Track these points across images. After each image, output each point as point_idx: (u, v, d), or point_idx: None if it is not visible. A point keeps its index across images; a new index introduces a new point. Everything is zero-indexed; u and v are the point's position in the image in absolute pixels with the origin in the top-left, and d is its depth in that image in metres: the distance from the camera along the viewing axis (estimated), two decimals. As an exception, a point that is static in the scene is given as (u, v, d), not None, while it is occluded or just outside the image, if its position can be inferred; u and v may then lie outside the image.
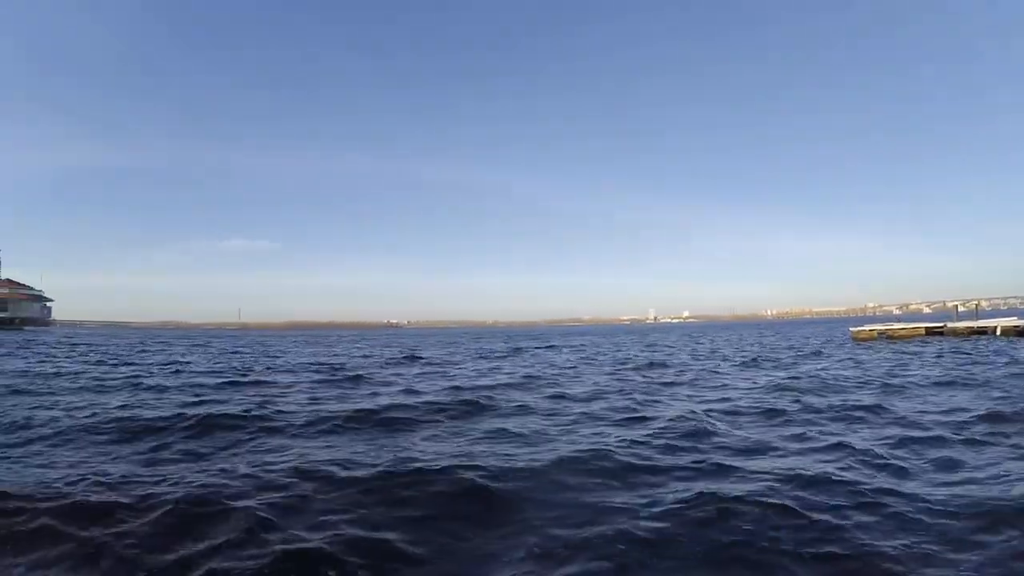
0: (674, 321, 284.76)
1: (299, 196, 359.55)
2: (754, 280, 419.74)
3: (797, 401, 9.64)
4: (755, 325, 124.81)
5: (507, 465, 5.47)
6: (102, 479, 5.05)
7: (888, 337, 34.32)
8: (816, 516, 4.07)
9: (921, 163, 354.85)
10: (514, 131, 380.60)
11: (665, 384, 12.93)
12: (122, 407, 9.24)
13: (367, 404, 9.54)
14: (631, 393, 11.11)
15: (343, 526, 3.99)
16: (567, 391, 11.40)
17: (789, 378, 13.29)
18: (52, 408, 9.16)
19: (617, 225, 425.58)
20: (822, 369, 15.73)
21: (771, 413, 8.50)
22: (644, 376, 14.80)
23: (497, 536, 3.91)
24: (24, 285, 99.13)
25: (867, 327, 36.13)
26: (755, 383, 12.67)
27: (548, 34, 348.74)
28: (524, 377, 14.70)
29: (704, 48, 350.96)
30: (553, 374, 15.50)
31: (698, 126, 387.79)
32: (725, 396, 10.60)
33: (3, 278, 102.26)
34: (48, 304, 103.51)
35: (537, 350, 30.44)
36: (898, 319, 48.64)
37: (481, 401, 9.74)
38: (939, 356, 19.24)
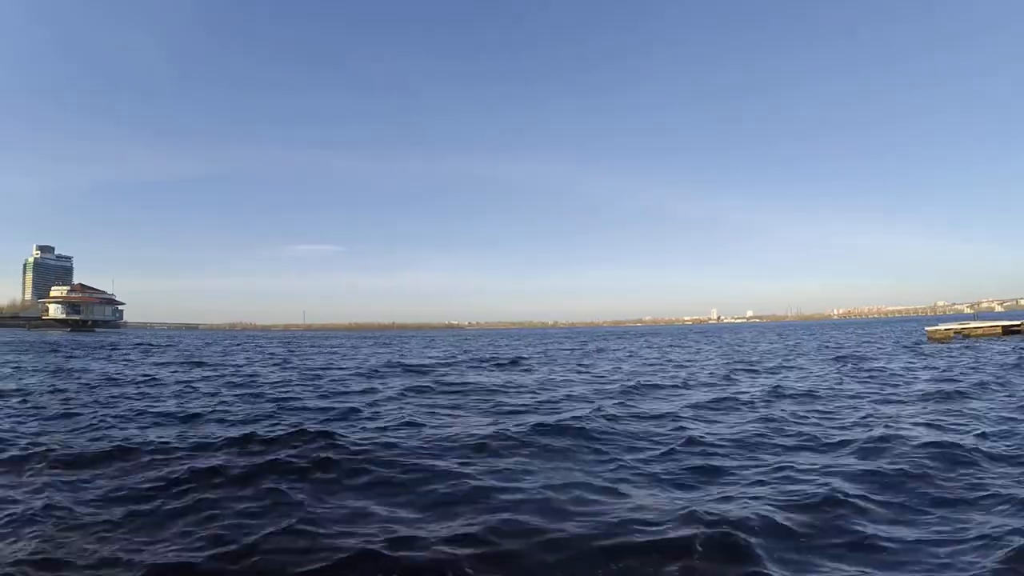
0: (738, 321, 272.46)
1: (363, 199, 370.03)
2: (818, 278, 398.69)
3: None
4: (832, 325, 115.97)
5: None
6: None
7: (965, 336, 33.12)
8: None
9: (988, 158, 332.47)
10: (568, 129, 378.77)
11: None
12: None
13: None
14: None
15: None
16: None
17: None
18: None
19: (674, 223, 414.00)
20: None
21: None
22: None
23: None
24: (96, 289, 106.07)
25: (942, 326, 34.65)
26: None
27: (614, 30, 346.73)
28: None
29: (754, 40, 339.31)
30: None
31: (754, 118, 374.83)
32: None
33: (76, 283, 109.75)
34: (120, 307, 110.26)
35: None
36: (974, 317, 46.30)
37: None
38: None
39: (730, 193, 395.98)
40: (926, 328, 36.68)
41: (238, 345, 42.70)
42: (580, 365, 20.68)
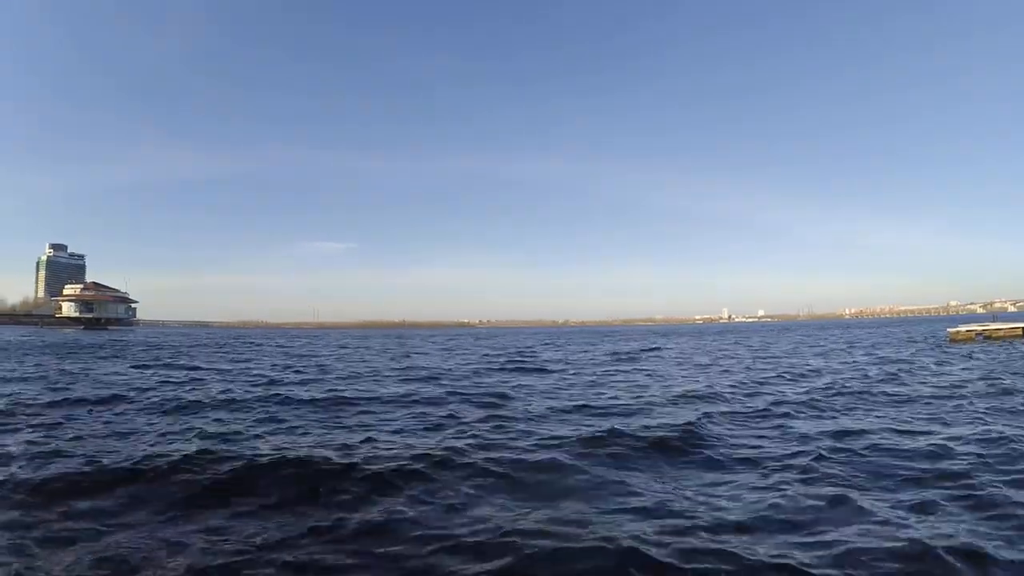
0: (749, 321, 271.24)
1: (377, 198, 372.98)
2: (829, 278, 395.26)
3: None
4: (853, 325, 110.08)
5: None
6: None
7: (986, 337, 32.82)
8: None
9: (999, 156, 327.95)
10: (577, 130, 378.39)
11: None
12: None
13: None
14: None
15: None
16: None
17: None
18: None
19: (682, 222, 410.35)
20: None
21: None
22: None
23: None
24: (109, 287, 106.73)
25: (963, 327, 34.30)
26: None
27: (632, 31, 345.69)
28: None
29: (754, 39, 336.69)
30: None
31: (758, 118, 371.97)
32: None
33: (89, 281, 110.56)
34: (132, 305, 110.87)
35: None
36: (993, 318, 45.77)
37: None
38: None
39: (738, 192, 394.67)
40: (948, 329, 36.26)
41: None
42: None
